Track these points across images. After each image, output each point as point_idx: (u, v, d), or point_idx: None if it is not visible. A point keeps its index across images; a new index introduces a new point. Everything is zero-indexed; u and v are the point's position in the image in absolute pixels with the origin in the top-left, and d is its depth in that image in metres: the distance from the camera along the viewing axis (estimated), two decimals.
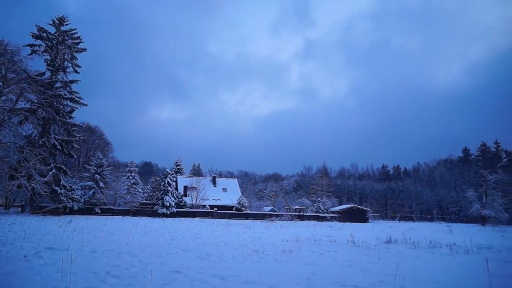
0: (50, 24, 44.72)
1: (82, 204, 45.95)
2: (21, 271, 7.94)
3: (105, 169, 50.43)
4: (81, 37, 46.59)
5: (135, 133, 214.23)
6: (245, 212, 57.82)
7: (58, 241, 13.85)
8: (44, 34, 43.72)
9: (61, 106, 44.56)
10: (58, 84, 44.69)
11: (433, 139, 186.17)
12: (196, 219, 45.48)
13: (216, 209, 56.60)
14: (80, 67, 46.76)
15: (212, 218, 50.29)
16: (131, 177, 60.23)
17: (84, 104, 45.82)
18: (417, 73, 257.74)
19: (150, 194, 65.47)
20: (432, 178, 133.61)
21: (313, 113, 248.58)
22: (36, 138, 41.95)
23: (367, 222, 61.06)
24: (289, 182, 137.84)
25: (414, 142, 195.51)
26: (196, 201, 57.36)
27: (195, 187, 59.88)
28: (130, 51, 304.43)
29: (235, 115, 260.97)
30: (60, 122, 43.86)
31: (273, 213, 60.43)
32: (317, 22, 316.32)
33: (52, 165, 41.60)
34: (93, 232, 18.79)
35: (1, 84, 36.42)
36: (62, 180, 42.30)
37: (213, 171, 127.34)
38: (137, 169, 64.72)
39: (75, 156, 50.89)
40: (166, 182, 52.34)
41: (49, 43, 44.02)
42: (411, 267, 10.70)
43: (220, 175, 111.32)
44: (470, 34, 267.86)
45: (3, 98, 37.41)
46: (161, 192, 52.03)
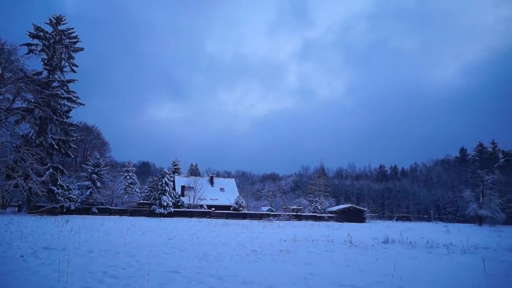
0: (47, 24, 44.60)
1: (79, 204, 45.83)
2: (18, 271, 7.92)
3: (102, 169, 50.33)
4: (79, 37, 46.57)
5: (133, 133, 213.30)
6: (243, 212, 57.82)
7: (55, 241, 13.82)
8: (41, 34, 43.58)
9: (58, 106, 44.46)
10: (55, 84, 44.58)
11: (431, 139, 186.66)
12: (194, 219, 45.45)
13: (214, 209, 56.56)
14: (78, 67, 46.75)
15: (210, 218, 50.24)
16: (129, 177, 60.14)
17: (81, 104, 45.79)
18: (415, 73, 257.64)
19: (148, 194, 65.32)
20: (429, 178, 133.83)
21: (311, 113, 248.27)
22: (33, 138, 41.83)
23: (365, 222, 61.13)
24: (287, 182, 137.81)
25: (412, 142, 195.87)
26: (194, 201, 57.31)
27: (193, 187, 59.83)
28: (128, 51, 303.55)
29: (233, 115, 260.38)
30: (57, 122, 43.76)
31: (271, 213, 60.43)
32: (315, 22, 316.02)
33: (49, 165, 41.50)
34: (90, 232, 18.76)
35: None
36: (59, 180, 42.19)
37: (211, 171, 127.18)
38: (135, 169, 64.60)
39: (72, 156, 50.80)
40: (164, 182, 52.27)
41: (46, 43, 43.90)
42: (408, 267, 10.74)
43: (218, 175, 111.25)
44: (467, 35, 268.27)
45: (0, 98, 37.30)
46: (159, 192, 51.94)
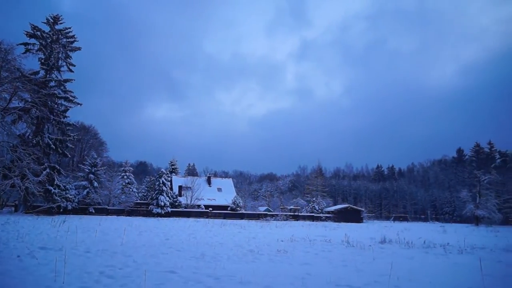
0: (44, 23, 44.42)
1: (76, 204, 45.68)
2: (14, 271, 7.89)
3: (100, 169, 50.21)
4: (76, 36, 46.39)
5: (130, 133, 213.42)
6: (240, 212, 57.82)
7: (52, 241, 13.77)
8: (38, 33, 43.39)
9: (55, 105, 44.31)
10: (52, 83, 44.38)
11: (428, 140, 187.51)
12: (191, 219, 45.38)
13: (211, 209, 56.53)
14: (75, 66, 46.57)
15: (207, 218, 50.19)
16: (126, 177, 60.09)
17: (79, 103, 45.62)
18: (412, 74, 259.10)
19: (145, 194, 65.29)
20: (427, 179, 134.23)
21: (309, 113, 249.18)
22: (30, 137, 41.67)
23: (362, 222, 61.25)
24: (284, 182, 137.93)
25: (409, 143, 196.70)
26: (191, 201, 57.24)
27: (190, 187, 59.74)
28: (126, 51, 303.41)
29: (231, 115, 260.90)
30: (54, 121, 43.62)
31: (268, 213, 60.42)
32: (313, 22, 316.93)
33: (46, 165, 41.35)
34: (87, 232, 18.71)
35: None
36: (56, 180, 42.06)
37: (208, 171, 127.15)
38: (132, 169, 64.59)
39: (69, 156, 50.59)
40: (161, 182, 52.18)
41: (43, 42, 43.72)
42: (405, 267, 10.76)
43: (215, 175, 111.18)
44: (465, 35, 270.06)
45: None
46: (156, 192, 51.86)
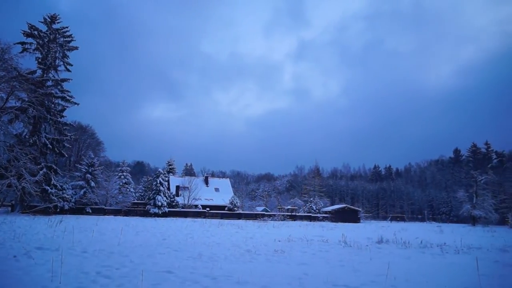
0: (42, 22, 44.27)
1: (73, 204, 45.58)
2: (11, 271, 7.87)
3: (97, 169, 50.09)
4: (73, 36, 46.27)
5: (127, 133, 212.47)
6: (238, 212, 57.80)
7: (49, 241, 13.74)
8: (36, 32, 43.24)
9: (52, 105, 44.13)
10: (49, 83, 44.25)
11: (425, 140, 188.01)
12: (188, 219, 45.34)
13: (208, 209, 56.49)
14: (72, 66, 46.43)
15: (204, 218, 50.15)
16: (123, 177, 59.93)
17: (76, 103, 45.49)
18: (410, 74, 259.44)
19: (142, 194, 65.16)
20: (423, 179, 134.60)
21: (306, 113, 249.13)
22: (27, 137, 41.50)
23: (359, 222, 61.35)
24: (282, 182, 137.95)
25: (406, 143, 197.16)
26: (188, 201, 57.18)
27: (187, 187, 59.69)
28: (123, 50, 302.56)
29: (228, 115, 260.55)
30: (51, 121, 43.47)
31: (266, 213, 60.45)
32: (311, 23, 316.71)
33: (43, 164, 41.22)
34: (84, 232, 18.67)
35: None
36: (53, 180, 41.92)
37: (206, 171, 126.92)
38: (129, 169, 64.43)
39: (66, 155, 50.47)
40: (158, 182, 52.10)
41: (40, 41, 43.57)
42: (402, 267, 10.79)
43: (213, 175, 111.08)
44: (462, 36, 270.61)
45: None
46: (153, 192, 51.77)
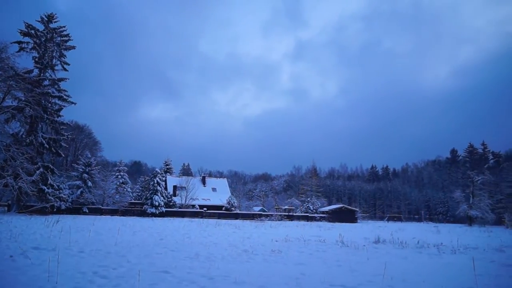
0: (39, 21, 44.08)
1: (70, 204, 45.47)
2: (7, 272, 7.83)
3: (94, 168, 49.99)
4: (70, 35, 46.10)
5: (125, 132, 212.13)
6: (235, 212, 57.80)
7: (45, 241, 13.68)
8: (32, 31, 43.07)
9: (49, 104, 43.95)
10: (46, 82, 44.08)
11: (422, 140, 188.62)
12: (186, 219, 45.29)
13: (206, 209, 56.46)
14: (69, 65, 46.23)
15: (202, 218, 50.12)
16: (120, 177, 59.77)
17: (73, 103, 45.33)
18: (407, 75, 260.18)
19: (139, 194, 65.07)
20: (420, 179, 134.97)
21: (304, 114, 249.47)
22: (23, 137, 41.34)
23: (356, 222, 61.47)
24: (279, 182, 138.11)
25: (403, 143, 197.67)
26: (186, 201, 57.14)
27: (185, 187, 59.64)
28: (121, 50, 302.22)
29: (226, 115, 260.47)
30: (48, 121, 43.30)
31: (263, 213, 60.49)
32: (309, 23, 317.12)
33: (40, 164, 41.06)
34: (81, 232, 18.61)
35: None
36: (50, 179, 41.78)
37: (203, 171, 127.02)
38: (126, 169, 64.25)
39: (63, 155, 50.28)
40: (155, 182, 52.03)
41: (37, 41, 43.41)
42: (399, 267, 10.81)
43: (210, 175, 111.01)
44: (459, 37, 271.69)
45: None
46: (150, 192, 51.70)
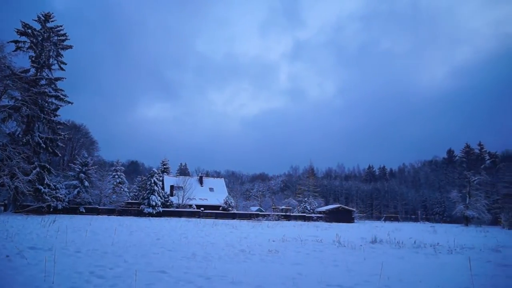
0: (36, 21, 43.93)
1: (67, 203, 45.34)
2: (3, 271, 7.81)
3: (90, 168, 49.84)
4: (67, 34, 45.98)
5: (122, 132, 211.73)
6: (232, 212, 57.78)
7: (42, 241, 13.64)
8: (29, 31, 42.92)
9: (46, 104, 43.81)
10: (43, 82, 43.94)
11: (419, 141, 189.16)
12: (183, 219, 45.25)
13: (203, 209, 56.43)
14: (66, 64, 46.13)
15: (199, 218, 50.08)
16: (117, 176, 59.65)
17: (70, 102, 45.23)
18: (405, 75, 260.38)
19: (136, 194, 64.89)
20: (417, 179, 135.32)
21: (301, 114, 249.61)
22: (20, 136, 41.18)
23: (353, 222, 61.55)
24: (276, 182, 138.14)
25: (400, 144, 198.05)
26: (183, 201, 57.07)
27: (182, 187, 59.57)
28: (118, 49, 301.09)
29: (223, 115, 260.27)
30: (45, 120, 43.16)
31: (260, 213, 60.47)
32: (307, 23, 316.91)
33: (36, 164, 40.93)
34: (78, 232, 18.57)
35: None
36: (46, 179, 41.63)
37: (200, 171, 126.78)
38: (123, 168, 64.15)
39: (60, 155, 50.10)
40: (152, 182, 51.95)
41: (34, 40, 43.27)
42: (396, 267, 10.84)
43: (207, 175, 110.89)
44: (456, 38, 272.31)
45: None
46: (147, 192, 51.62)
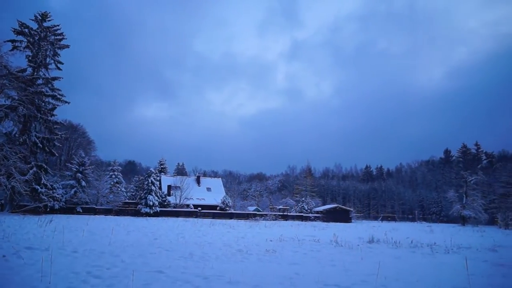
0: (32, 20, 43.74)
1: (64, 203, 45.22)
2: (0, 272, 7.78)
3: (88, 168, 49.73)
4: (64, 34, 45.81)
5: (119, 132, 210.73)
6: (229, 212, 57.77)
7: (38, 241, 13.60)
8: (26, 30, 42.75)
9: (43, 103, 43.65)
10: (40, 81, 43.78)
11: (416, 141, 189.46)
12: (180, 219, 45.20)
13: (200, 209, 56.38)
14: (63, 64, 45.92)
15: (196, 218, 50.06)
16: (114, 176, 59.48)
17: (66, 102, 45.06)
18: (402, 76, 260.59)
19: (133, 193, 64.70)
20: (414, 179, 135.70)
21: (299, 113, 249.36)
22: (17, 136, 41.03)
23: (350, 222, 61.65)
24: (274, 182, 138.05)
25: (397, 144, 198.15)
26: (180, 201, 57.02)
27: (179, 187, 59.54)
28: (116, 49, 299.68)
29: (221, 114, 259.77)
30: (41, 120, 42.99)
31: (257, 213, 60.50)
32: (304, 23, 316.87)
33: (33, 163, 40.77)
34: (74, 232, 18.53)
35: None
36: (43, 179, 41.51)
37: (198, 171, 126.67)
38: (120, 168, 63.94)
39: (57, 154, 49.98)
40: (150, 181, 51.86)
41: (31, 39, 43.09)
42: (393, 267, 10.87)
43: (205, 175, 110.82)
44: (453, 38, 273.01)
45: None
46: (145, 192, 51.52)
